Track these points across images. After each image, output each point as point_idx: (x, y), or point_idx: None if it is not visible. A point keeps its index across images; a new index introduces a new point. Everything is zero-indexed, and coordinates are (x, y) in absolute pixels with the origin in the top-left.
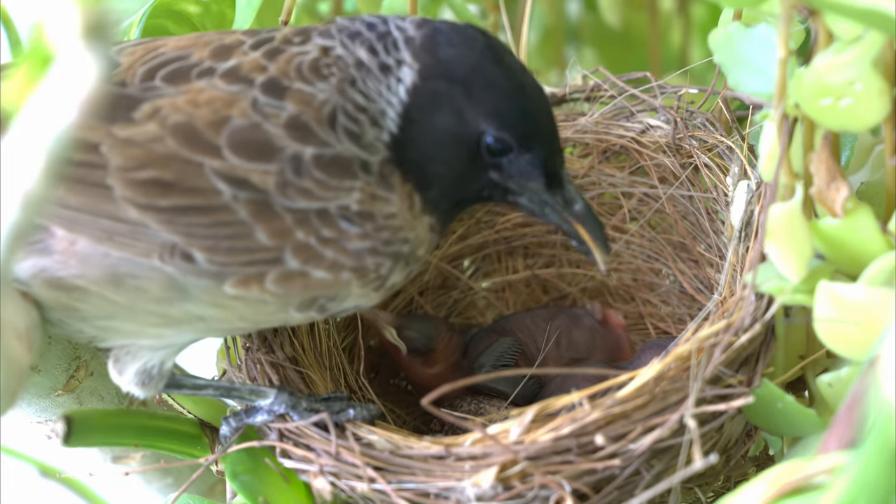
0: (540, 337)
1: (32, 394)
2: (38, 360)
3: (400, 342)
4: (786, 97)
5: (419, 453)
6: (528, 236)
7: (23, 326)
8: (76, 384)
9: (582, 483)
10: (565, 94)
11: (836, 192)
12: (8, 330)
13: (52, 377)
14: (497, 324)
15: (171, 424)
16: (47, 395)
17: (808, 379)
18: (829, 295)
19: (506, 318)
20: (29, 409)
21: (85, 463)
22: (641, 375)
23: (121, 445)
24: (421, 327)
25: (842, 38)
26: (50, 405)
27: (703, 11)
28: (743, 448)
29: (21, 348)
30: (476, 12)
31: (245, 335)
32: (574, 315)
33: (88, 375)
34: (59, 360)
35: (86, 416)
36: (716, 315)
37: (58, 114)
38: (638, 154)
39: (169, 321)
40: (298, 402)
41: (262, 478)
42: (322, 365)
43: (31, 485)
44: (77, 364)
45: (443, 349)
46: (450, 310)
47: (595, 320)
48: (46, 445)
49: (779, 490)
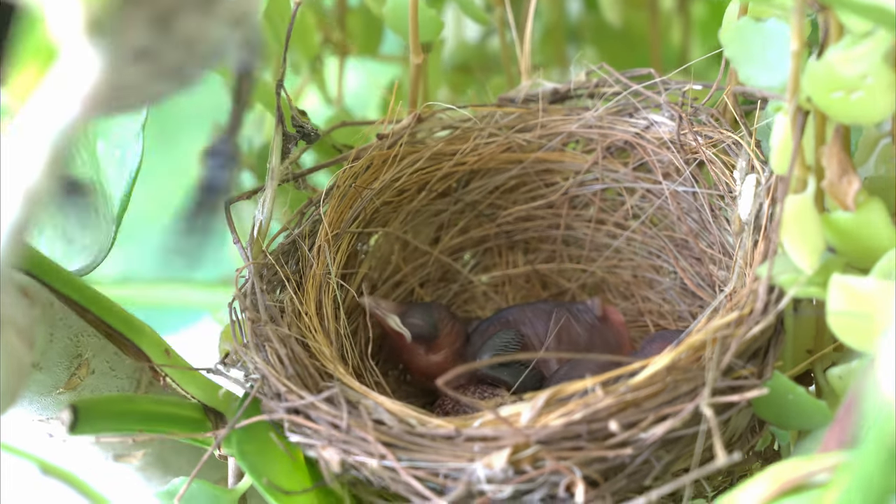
0: (542, 330)
1: (34, 392)
2: (40, 357)
3: (404, 329)
4: (799, 90)
5: (430, 432)
6: (529, 231)
7: (23, 323)
8: (78, 382)
9: (592, 470)
10: (569, 90)
11: (849, 185)
12: (8, 326)
13: (53, 375)
14: (499, 315)
15: (175, 410)
16: (49, 392)
17: (817, 373)
18: (842, 288)
19: (507, 310)
20: (30, 406)
21: (86, 461)
22: (654, 364)
23: (126, 432)
24: (424, 314)
25: (853, 31)
26: (51, 403)
27: (702, 10)
28: (748, 444)
29: (22, 345)
30: (481, 5)
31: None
32: (574, 310)
33: (90, 373)
34: (61, 358)
35: (91, 404)
36: (725, 308)
37: (61, 110)
38: (642, 150)
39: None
40: None
41: (268, 458)
42: (330, 342)
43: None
44: (79, 362)
45: (446, 336)
46: (449, 302)
47: (595, 316)
48: (48, 443)
49: (780, 487)
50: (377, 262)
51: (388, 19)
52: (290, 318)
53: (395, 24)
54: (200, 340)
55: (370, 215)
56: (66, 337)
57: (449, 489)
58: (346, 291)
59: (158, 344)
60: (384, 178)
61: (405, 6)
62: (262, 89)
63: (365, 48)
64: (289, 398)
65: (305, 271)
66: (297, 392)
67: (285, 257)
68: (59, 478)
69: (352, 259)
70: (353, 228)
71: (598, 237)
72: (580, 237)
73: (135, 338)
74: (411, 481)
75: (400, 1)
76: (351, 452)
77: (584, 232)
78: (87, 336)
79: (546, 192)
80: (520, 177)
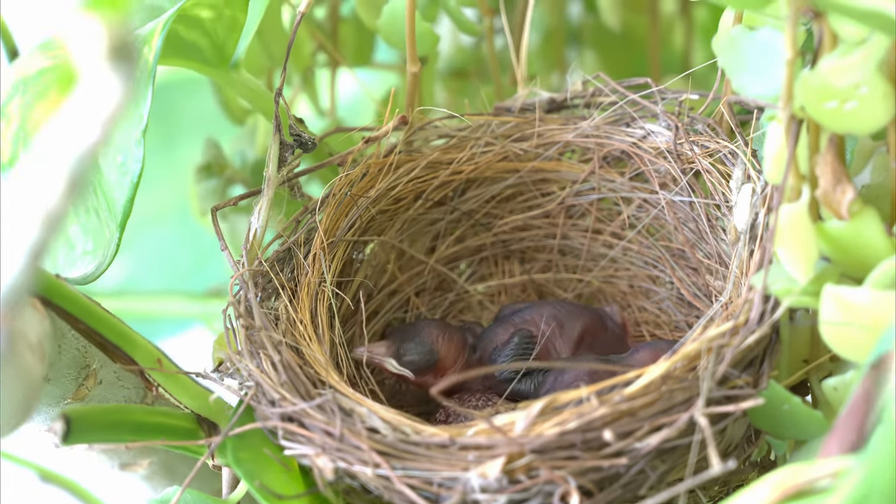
0: (567, 333)
1: (43, 403)
2: (49, 369)
3: (404, 370)
4: (793, 99)
5: (424, 440)
6: (525, 240)
7: (35, 337)
8: (85, 392)
9: (587, 479)
10: (565, 99)
11: (842, 195)
12: (21, 342)
13: (61, 386)
14: (517, 314)
15: (167, 420)
16: (57, 403)
17: (813, 383)
18: (835, 298)
19: (526, 309)
20: (38, 417)
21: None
22: (648, 373)
23: (118, 442)
24: (417, 346)
25: (847, 40)
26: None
27: (705, 14)
28: (744, 453)
29: (34, 360)
30: (472, 16)
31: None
32: (600, 316)
33: (97, 384)
34: (69, 369)
35: (83, 414)
36: (721, 317)
37: (82, 134)
38: (639, 159)
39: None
40: None
41: (263, 464)
42: (324, 350)
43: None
44: (86, 373)
45: (446, 354)
46: (445, 312)
47: (615, 322)
48: (54, 451)
49: (781, 494)
50: (373, 271)
51: (383, 32)
52: (285, 325)
53: (389, 37)
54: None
55: (366, 224)
56: (74, 348)
57: (443, 498)
58: (341, 300)
59: (151, 353)
60: (380, 187)
61: (399, 19)
62: (259, 98)
63: (357, 59)
64: (283, 405)
65: (300, 279)
66: (291, 399)
67: (280, 265)
68: (59, 485)
69: (347, 267)
70: (348, 237)
71: (594, 247)
72: (577, 247)
73: (126, 347)
74: (405, 490)
75: (395, 13)
76: (345, 460)
77: (581, 241)
78: (94, 347)
79: (542, 201)
80: (516, 186)
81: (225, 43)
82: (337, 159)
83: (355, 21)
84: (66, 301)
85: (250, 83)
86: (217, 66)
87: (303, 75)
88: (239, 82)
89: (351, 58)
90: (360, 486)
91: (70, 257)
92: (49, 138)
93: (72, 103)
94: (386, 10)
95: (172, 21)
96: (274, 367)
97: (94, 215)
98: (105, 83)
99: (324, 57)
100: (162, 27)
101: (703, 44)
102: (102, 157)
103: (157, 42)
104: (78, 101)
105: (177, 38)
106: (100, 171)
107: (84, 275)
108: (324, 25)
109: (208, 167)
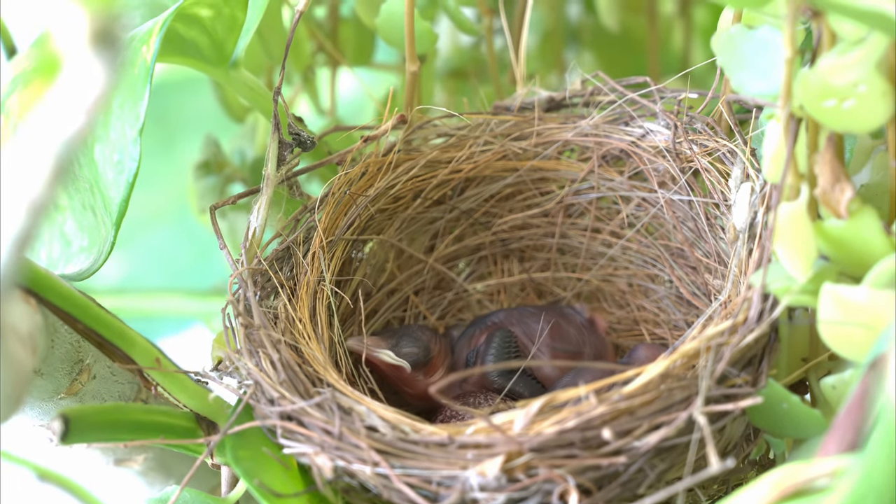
0: (532, 329)
1: (35, 397)
2: (41, 363)
3: (401, 361)
4: (791, 98)
5: (423, 439)
6: (524, 239)
7: (25, 330)
8: (79, 387)
9: (585, 478)
10: (564, 98)
11: (841, 193)
12: (10, 334)
13: (54, 381)
14: (486, 318)
15: (166, 419)
16: (50, 398)
17: (812, 382)
18: (834, 297)
19: (494, 314)
20: (31, 412)
21: (88, 466)
22: (647, 372)
23: (117, 441)
24: (414, 340)
25: (846, 39)
26: (53, 409)
27: (704, 14)
28: (743, 452)
29: (24, 352)
30: (471, 16)
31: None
32: (563, 311)
33: (91, 379)
34: (62, 364)
35: (82, 414)
36: (720, 316)
37: (66, 121)
38: (638, 158)
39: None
40: None
41: (262, 463)
42: (323, 349)
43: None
44: (80, 367)
45: (438, 354)
46: (444, 311)
47: (583, 318)
48: (48, 449)
49: (780, 492)
50: (372, 270)
51: (382, 31)
52: (284, 324)
53: (388, 36)
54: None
55: (365, 222)
56: (67, 342)
57: (442, 497)
58: (340, 299)
59: (149, 352)
60: (379, 186)
61: (398, 17)
62: (258, 97)
63: (357, 58)
64: (282, 404)
65: (299, 278)
66: (290, 398)
67: (279, 264)
68: (56, 483)
69: (346, 266)
70: (347, 235)
71: (593, 246)
72: (575, 246)
73: (124, 346)
74: (404, 489)
75: (393, 12)
76: (343, 459)
77: (580, 240)
78: (87, 342)
79: (541, 200)
80: (515, 185)
81: (224, 41)
82: (336, 158)
83: (355, 21)
84: (61, 298)
85: (250, 82)
86: (217, 64)
87: (303, 74)
88: (238, 81)
89: (351, 57)
90: (358, 485)
91: (66, 254)
92: (33, 126)
93: (56, 90)
94: (384, 8)
95: (172, 19)
96: (273, 365)
97: (90, 213)
98: (88, 70)
99: (324, 56)
100: (160, 26)
101: (702, 44)
102: (100, 156)
103: (155, 41)
104: (62, 88)
105: (176, 37)
106: (97, 168)
107: (79, 271)
108: (324, 25)
109: (207, 164)
